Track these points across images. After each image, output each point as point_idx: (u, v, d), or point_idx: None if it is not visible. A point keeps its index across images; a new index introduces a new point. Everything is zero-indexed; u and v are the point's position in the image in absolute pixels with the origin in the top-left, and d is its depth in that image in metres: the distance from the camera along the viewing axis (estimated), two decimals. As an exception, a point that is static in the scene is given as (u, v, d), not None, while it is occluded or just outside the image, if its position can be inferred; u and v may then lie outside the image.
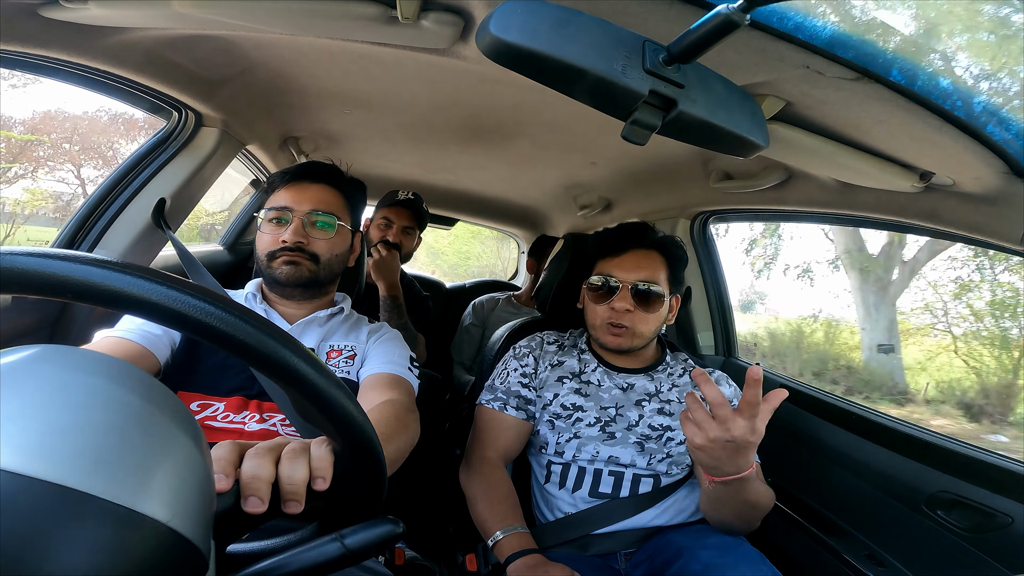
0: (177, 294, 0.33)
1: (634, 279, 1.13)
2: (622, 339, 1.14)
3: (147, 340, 0.93)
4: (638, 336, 1.14)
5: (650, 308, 1.13)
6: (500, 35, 0.43)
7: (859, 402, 1.42)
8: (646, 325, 1.14)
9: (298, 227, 1.02)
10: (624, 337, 1.14)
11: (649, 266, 1.15)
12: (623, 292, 1.13)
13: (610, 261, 1.17)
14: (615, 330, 1.14)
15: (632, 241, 1.18)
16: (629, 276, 1.14)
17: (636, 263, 1.15)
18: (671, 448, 1.14)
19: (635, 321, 1.13)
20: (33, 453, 0.26)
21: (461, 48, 0.89)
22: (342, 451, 0.44)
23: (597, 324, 1.17)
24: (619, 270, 1.15)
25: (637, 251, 1.17)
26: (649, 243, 1.18)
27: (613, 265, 1.16)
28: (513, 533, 1.01)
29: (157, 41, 1.01)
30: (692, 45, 0.45)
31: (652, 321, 1.15)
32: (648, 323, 1.14)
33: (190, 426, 0.34)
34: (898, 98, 0.71)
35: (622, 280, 1.14)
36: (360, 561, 0.42)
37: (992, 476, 1.03)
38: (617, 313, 1.13)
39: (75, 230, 1.26)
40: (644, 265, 1.15)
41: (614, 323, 1.13)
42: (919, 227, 1.11)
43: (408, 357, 1.08)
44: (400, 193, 1.94)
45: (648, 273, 1.14)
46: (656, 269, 1.15)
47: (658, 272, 1.15)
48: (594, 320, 1.18)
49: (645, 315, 1.13)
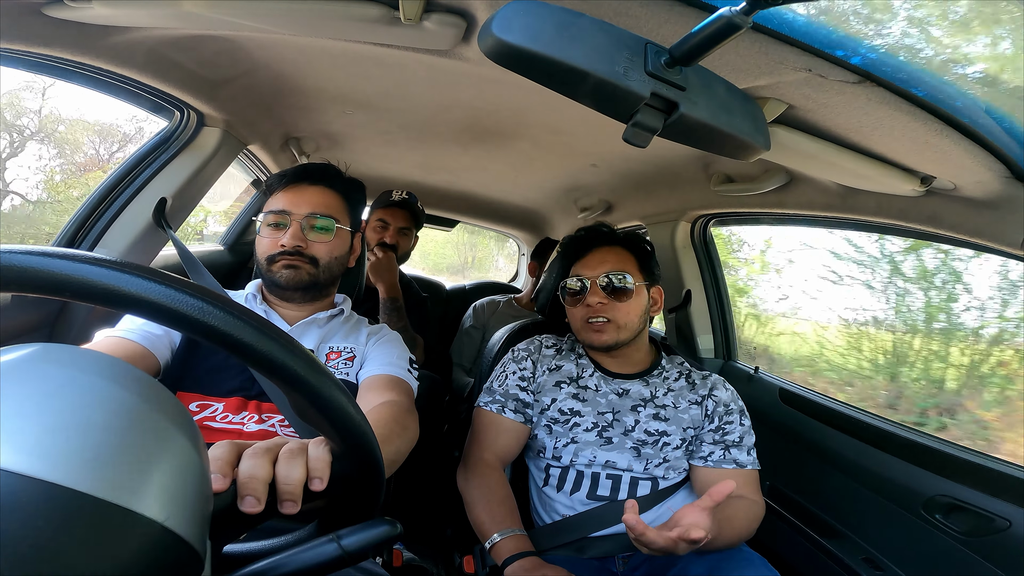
0: (177, 294, 0.33)
1: (601, 272, 1.15)
2: (605, 335, 1.14)
3: (147, 340, 0.92)
4: (622, 328, 1.14)
5: (623, 297, 1.14)
6: (502, 36, 0.43)
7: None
8: (625, 315, 1.15)
9: (296, 231, 1.02)
10: (607, 333, 1.14)
11: (614, 260, 1.17)
12: (593, 287, 1.15)
13: (579, 264, 1.20)
14: (596, 326, 1.14)
15: (595, 241, 1.21)
16: (596, 272, 1.16)
17: (601, 259, 1.18)
18: (667, 453, 1.14)
19: (613, 313, 1.14)
20: (30, 452, 0.26)
21: (463, 49, 0.89)
22: (340, 452, 0.44)
23: (579, 326, 1.18)
24: (586, 269, 1.18)
25: (601, 248, 1.19)
26: (612, 240, 1.21)
27: (580, 266, 1.19)
28: (510, 535, 1.00)
29: (160, 41, 1.01)
30: (694, 47, 0.45)
31: (631, 311, 1.15)
32: (627, 313, 1.15)
33: (187, 426, 0.34)
34: (900, 101, 0.71)
35: (590, 276, 1.16)
36: (357, 562, 0.41)
37: (990, 480, 1.03)
38: (592, 309, 1.14)
39: (76, 229, 1.26)
40: (609, 259, 1.17)
41: (592, 319, 1.14)
42: (920, 231, 1.11)
43: (408, 359, 1.07)
44: (395, 193, 1.93)
45: (612, 265, 1.16)
46: (623, 261, 1.17)
47: (625, 263, 1.17)
48: (575, 323, 1.20)
49: (620, 304, 1.14)
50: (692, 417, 1.16)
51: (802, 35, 0.63)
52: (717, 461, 1.12)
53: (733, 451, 1.12)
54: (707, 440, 1.14)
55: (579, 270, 1.18)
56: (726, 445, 1.12)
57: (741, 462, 1.11)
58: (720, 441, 1.13)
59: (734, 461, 1.11)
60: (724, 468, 1.11)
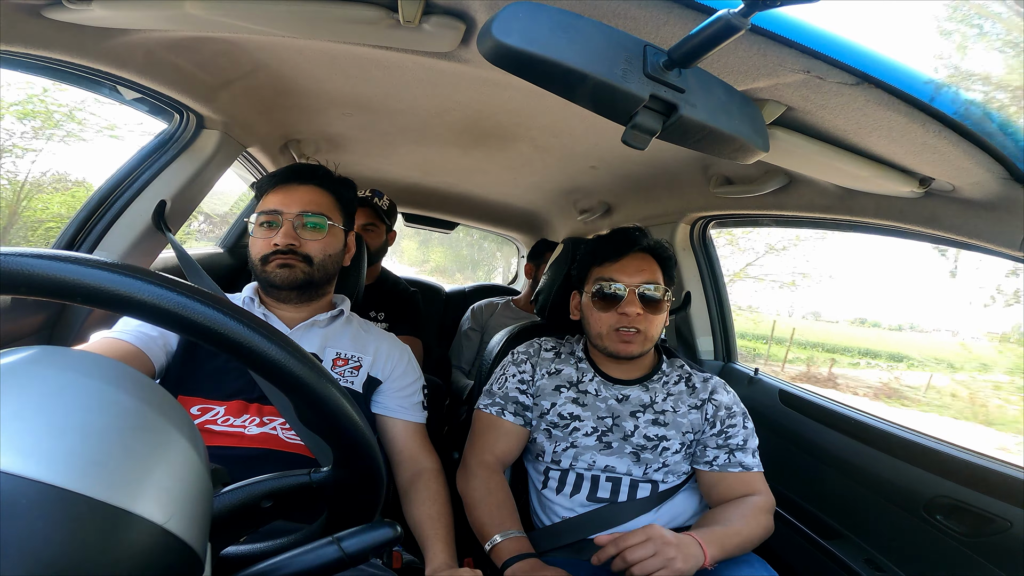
0: (176, 296, 0.33)
1: (639, 282, 1.12)
2: (633, 345, 1.11)
3: (141, 341, 0.93)
4: (649, 339, 1.13)
5: (657, 310, 1.12)
6: (502, 39, 0.43)
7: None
8: (655, 328, 1.13)
9: (288, 229, 1.02)
10: (636, 343, 1.11)
11: (649, 268, 1.14)
12: (631, 296, 1.11)
13: (610, 267, 1.14)
14: (626, 336, 1.11)
15: (629, 245, 1.16)
16: (634, 280, 1.12)
17: (638, 267, 1.13)
18: (667, 457, 1.13)
19: (646, 324, 1.11)
20: (29, 454, 0.26)
21: (462, 52, 0.89)
22: (340, 455, 0.44)
23: (604, 332, 1.13)
24: (622, 275, 1.12)
25: (635, 255, 1.15)
26: (645, 247, 1.17)
27: (614, 270, 1.13)
28: (511, 537, 1.00)
29: (159, 43, 1.01)
30: (693, 49, 0.45)
31: (659, 323, 1.14)
32: (656, 325, 1.13)
33: (187, 428, 0.34)
34: (898, 103, 0.71)
35: (628, 284, 1.11)
36: (357, 564, 0.41)
37: (990, 481, 1.03)
38: (628, 318, 1.10)
39: (75, 231, 1.26)
40: (645, 268, 1.13)
41: (625, 328, 1.11)
42: (919, 232, 1.11)
43: (421, 388, 1.12)
44: (358, 191, 1.91)
45: (649, 275, 1.13)
46: (655, 271, 1.14)
47: (657, 274, 1.14)
48: (600, 328, 1.14)
49: (653, 317, 1.12)
50: (692, 421, 1.15)
51: (800, 37, 0.64)
52: (723, 465, 1.11)
53: (738, 454, 1.12)
54: (711, 444, 1.13)
55: (612, 274, 1.13)
56: (730, 449, 1.12)
57: (747, 465, 1.11)
58: (724, 445, 1.13)
59: (739, 464, 1.11)
60: (730, 472, 1.11)
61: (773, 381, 1.66)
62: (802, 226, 1.51)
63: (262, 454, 0.90)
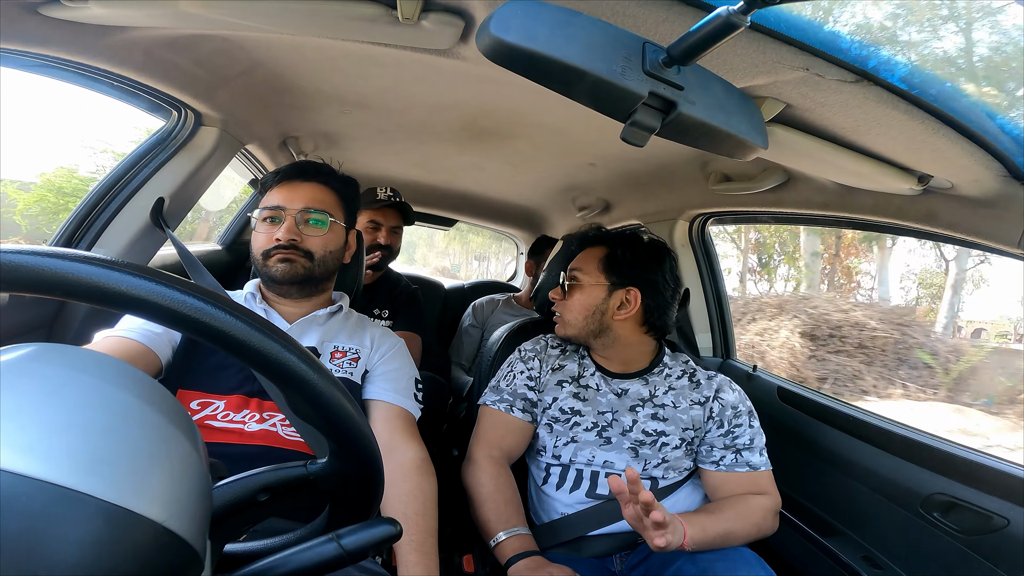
0: (176, 294, 0.33)
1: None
2: (557, 326, 1.24)
3: (148, 339, 0.93)
4: (568, 324, 1.22)
5: (570, 294, 1.21)
6: (500, 36, 0.43)
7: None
8: (568, 311, 1.22)
9: (291, 225, 1.03)
10: (558, 325, 1.24)
11: (580, 258, 1.24)
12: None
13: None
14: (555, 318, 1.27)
15: (585, 241, 1.26)
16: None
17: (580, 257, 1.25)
18: (666, 453, 1.13)
19: (561, 309, 1.23)
20: (29, 452, 0.26)
21: (461, 49, 0.89)
22: (338, 451, 0.44)
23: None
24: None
25: (587, 248, 1.24)
26: (594, 241, 1.25)
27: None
28: (516, 534, 1.01)
29: (157, 41, 1.01)
30: (692, 47, 0.45)
31: (574, 307, 1.21)
32: (570, 309, 1.21)
33: (187, 426, 0.34)
34: (897, 100, 0.71)
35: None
36: (357, 561, 0.41)
37: (988, 478, 1.04)
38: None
39: (73, 228, 1.25)
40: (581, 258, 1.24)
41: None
42: (917, 230, 1.11)
43: (414, 380, 1.10)
44: (380, 192, 1.88)
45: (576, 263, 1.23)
46: (584, 260, 1.22)
47: (586, 262, 1.22)
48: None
49: (567, 303, 1.22)
50: (692, 417, 1.15)
51: (800, 34, 0.64)
52: (729, 465, 1.11)
53: (745, 454, 1.11)
54: (717, 444, 1.13)
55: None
56: (737, 449, 1.12)
57: (754, 464, 1.11)
58: (731, 445, 1.12)
59: (747, 464, 1.11)
60: (737, 471, 1.10)
61: (771, 378, 1.66)
62: (800, 223, 1.51)
63: (262, 451, 0.90)
